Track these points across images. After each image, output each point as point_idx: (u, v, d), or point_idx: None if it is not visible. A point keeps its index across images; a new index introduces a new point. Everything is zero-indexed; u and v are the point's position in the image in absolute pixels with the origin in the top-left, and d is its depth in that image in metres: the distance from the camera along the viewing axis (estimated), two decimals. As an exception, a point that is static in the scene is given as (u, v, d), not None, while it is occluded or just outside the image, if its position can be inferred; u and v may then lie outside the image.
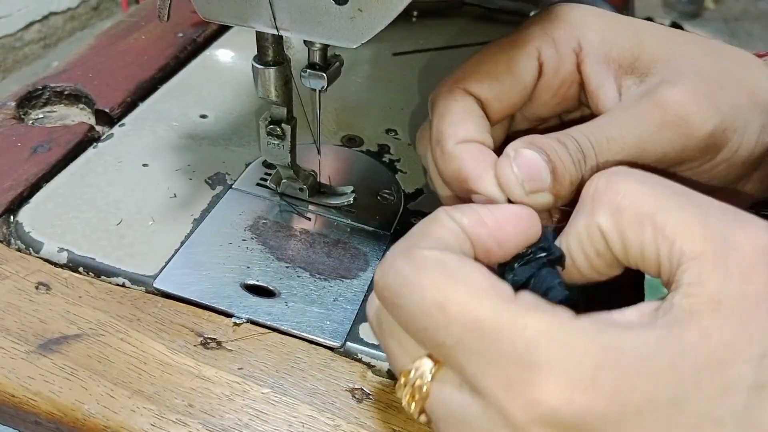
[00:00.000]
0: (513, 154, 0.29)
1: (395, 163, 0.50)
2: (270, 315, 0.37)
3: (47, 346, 0.35)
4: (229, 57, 0.60)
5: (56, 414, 0.33)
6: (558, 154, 0.29)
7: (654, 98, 0.30)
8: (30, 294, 0.38)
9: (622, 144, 0.29)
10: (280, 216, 0.44)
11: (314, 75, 0.37)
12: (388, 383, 0.35)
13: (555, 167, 0.28)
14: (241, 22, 0.33)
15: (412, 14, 0.69)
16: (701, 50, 0.31)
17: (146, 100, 0.53)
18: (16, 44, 2.14)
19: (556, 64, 0.32)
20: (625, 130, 0.29)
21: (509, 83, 0.32)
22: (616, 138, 0.29)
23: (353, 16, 0.30)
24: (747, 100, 0.30)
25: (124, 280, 0.39)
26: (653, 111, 0.29)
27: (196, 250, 0.41)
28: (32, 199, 0.43)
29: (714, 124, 0.29)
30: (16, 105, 0.50)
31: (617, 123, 0.30)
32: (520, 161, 0.28)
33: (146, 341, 0.36)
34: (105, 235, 0.41)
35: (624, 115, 0.30)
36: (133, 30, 0.61)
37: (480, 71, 0.32)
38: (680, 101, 0.29)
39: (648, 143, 0.29)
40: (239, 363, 0.35)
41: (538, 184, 0.28)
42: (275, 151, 0.42)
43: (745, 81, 0.31)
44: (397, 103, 0.56)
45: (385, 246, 0.42)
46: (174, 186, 0.45)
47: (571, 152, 0.29)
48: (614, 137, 0.29)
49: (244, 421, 0.32)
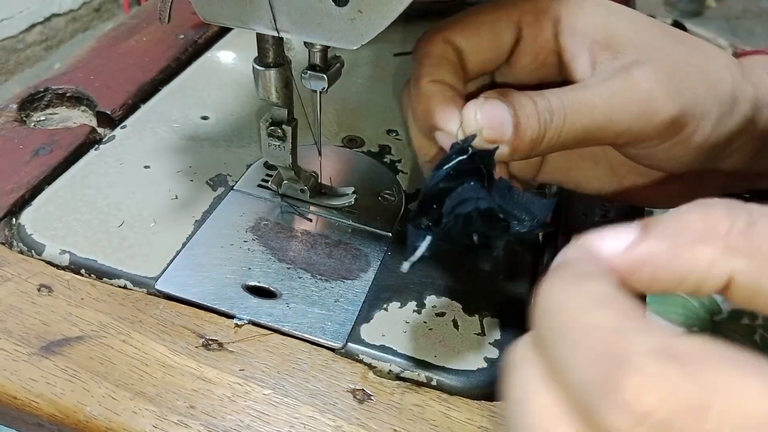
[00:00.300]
0: (481, 101, 0.30)
1: (396, 164, 0.50)
2: (271, 316, 0.37)
3: (49, 348, 0.35)
4: (230, 59, 0.60)
5: (58, 416, 0.33)
6: (525, 110, 0.30)
7: (628, 74, 0.31)
8: (32, 296, 0.38)
9: (592, 109, 0.30)
10: (281, 217, 0.44)
11: (315, 76, 0.37)
12: (389, 384, 0.35)
13: (519, 122, 0.30)
14: (241, 23, 0.33)
15: (413, 15, 0.69)
16: (669, 37, 0.33)
17: (148, 101, 0.53)
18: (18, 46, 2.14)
19: (534, 30, 0.34)
20: (597, 97, 0.31)
21: (487, 39, 0.33)
22: (587, 103, 0.30)
23: (353, 17, 0.30)
24: (707, 90, 0.32)
25: (125, 282, 0.39)
26: (625, 84, 0.31)
27: (197, 252, 0.41)
28: (34, 202, 0.43)
29: (676, 108, 0.31)
30: (17, 107, 0.50)
31: (590, 90, 0.31)
32: (485, 109, 0.30)
33: (148, 343, 0.36)
34: (106, 236, 0.41)
35: (599, 85, 0.31)
36: (135, 32, 0.61)
37: (462, 24, 0.33)
38: (650, 81, 0.31)
39: (616, 114, 0.31)
40: (241, 364, 0.35)
41: (496, 134, 0.29)
42: (276, 153, 0.42)
43: (707, 72, 0.33)
44: (397, 103, 0.56)
45: (386, 247, 0.42)
46: (175, 187, 0.45)
47: (539, 110, 0.30)
48: (586, 102, 0.30)
49: (246, 423, 0.33)
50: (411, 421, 0.33)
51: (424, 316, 0.38)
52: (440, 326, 0.38)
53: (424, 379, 0.35)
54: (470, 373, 0.35)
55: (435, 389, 0.35)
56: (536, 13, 0.34)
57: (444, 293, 0.40)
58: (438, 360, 0.36)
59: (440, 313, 0.38)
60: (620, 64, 0.32)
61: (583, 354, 0.16)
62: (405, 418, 0.33)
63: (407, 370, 0.36)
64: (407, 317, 0.38)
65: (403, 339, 0.37)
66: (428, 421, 0.33)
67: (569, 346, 0.17)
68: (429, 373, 0.35)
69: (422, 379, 0.35)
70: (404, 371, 0.36)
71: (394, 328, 0.37)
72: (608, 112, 0.30)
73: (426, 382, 0.35)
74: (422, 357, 0.36)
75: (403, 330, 0.37)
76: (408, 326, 0.38)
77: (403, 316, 0.38)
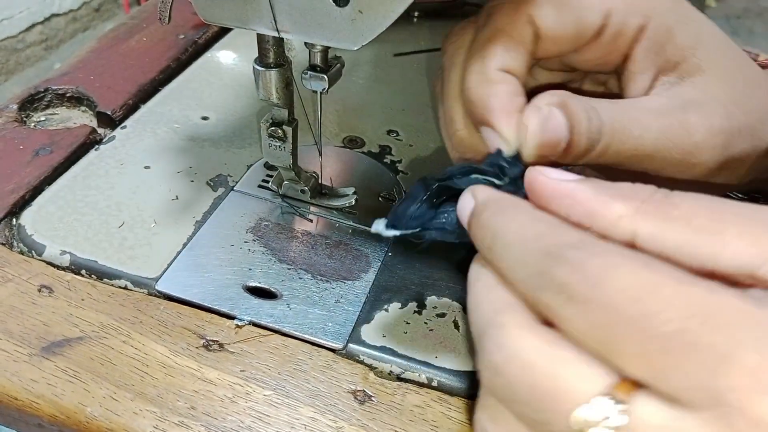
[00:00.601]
0: (546, 111, 0.28)
1: (397, 164, 0.50)
2: (272, 317, 0.37)
3: (50, 349, 0.35)
4: (231, 59, 0.60)
5: (59, 417, 0.33)
6: (581, 127, 0.28)
7: (684, 117, 0.30)
8: (32, 297, 0.38)
9: (639, 144, 0.29)
10: (281, 218, 0.44)
11: (315, 77, 0.37)
12: (389, 385, 0.35)
13: (572, 140, 0.28)
14: (242, 24, 0.33)
15: (413, 15, 0.69)
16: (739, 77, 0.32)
17: (148, 102, 0.53)
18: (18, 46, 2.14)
19: (617, 28, 0.32)
20: (647, 134, 0.29)
21: (572, 26, 0.31)
22: (637, 137, 0.29)
23: (354, 17, 0.30)
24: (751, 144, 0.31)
25: (126, 283, 0.39)
26: (679, 130, 0.30)
27: (198, 253, 0.41)
28: (34, 202, 0.43)
29: (717, 164, 0.30)
30: (18, 108, 0.50)
31: (644, 122, 0.30)
32: (548, 124, 0.28)
33: (148, 344, 0.36)
34: (107, 237, 0.41)
35: (652, 116, 0.30)
36: (135, 32, 0.61)
37: (551, 3, 0.31)
38: (703, 133, 0.30)
39: (659, 155, 0.30)
40: (241, 365, 0.35)
41: (550, 150, 0.28)
42: (277, 153, 0.42)
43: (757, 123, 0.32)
44: (398, 104, 0.56)
45: (387, 248, 0.42)
46: (176, 188, 0.45)
47: (591, 128, 0.29)
48: (635, 135, 0.29)
49: (247, 424, 0.32)
50: (412, 422, 0.33)
51: (425, 317, 0.38)
52: (441, 327, 0.38)
53: (425, 380, 0.35)
54: (471, 374, 0.35)
55: (436, 390, 0.35)
56: (625, 11, 0.31)
57: (445, 294, 0.40)
58: (439, 361, 0.36)
59: (441, 313, 0.38)
60: (680, 94, 0.31)
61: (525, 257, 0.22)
62: (406, 419, 0.33)
63: (408, 371, 0.35)
64: (408, 318, 0.38)
65: (403, 340, 0.37)
66: (429, 422, 0.33)
67: (513, 253, 0.22)
68: (430, 374, 0.35)
69: (423, 380, 0.35)
70: (405, 372, 0.36)
71: (395, 329, 0.37)
72: (653, 150, 0.30)
73: (427, 383, 0.35)
74: (423, 358, 0.36)
75: (403, 331, 0.37)
76: (409, 327, 0.38)
77: (404, 316, 0.38)
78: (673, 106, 0.30)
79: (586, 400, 0.19)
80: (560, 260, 0.21)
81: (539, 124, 0.28)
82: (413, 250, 0.38)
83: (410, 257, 0.42)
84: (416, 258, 0.42)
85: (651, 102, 0.31)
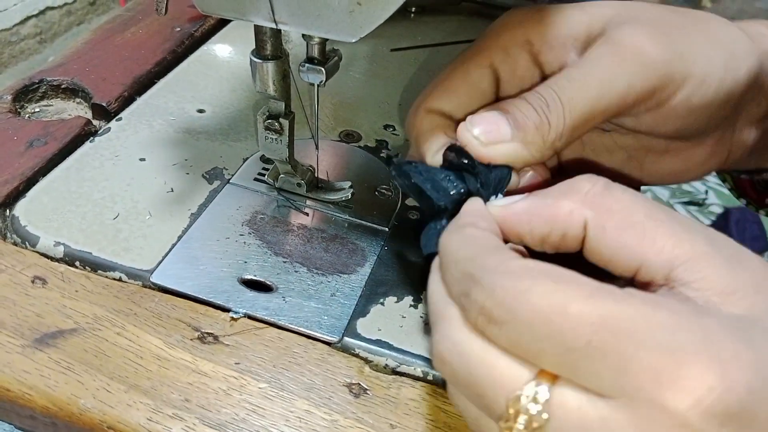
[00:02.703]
0: (470, 116, 0.31)
1: (393, 159, 0.50)
2: (267, 310, 0.37)
3: (43, 340, 0.35)
4: (227, 51, 0.60)
5: (52, 408, 0.32)
6: (516, 106, 0.30)
7: (609, 38, 0.31)
8: (26, 288, 0.37)
9: (584, 83, 0.30)
10: (277, 211, 0.44)
11: (313, 69, 0.37)
12: (385, 378, 0.35)
13: (515, 116, 0.30)
14: (239, 15, 0.33)
15: (411, 10, 0.69)
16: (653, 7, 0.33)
17: (143, 94, 0.53)
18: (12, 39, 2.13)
19: (509, 65, 0.33)
20: (585, 71, 0.30)
21: (466, 94, 0.33)
22: (578, 78, 0.30)
23: (352, 9, 0.29)
24: (704, 38, 0.32)
25: (120, 275, 0.39)
26: (610, 49, 0.31)
27: (193, 245, 0.40)
28: (28, 193, 0.43)
29: (671, 52, 0.31)
30: (12, 98, 0.50)
31: (577, 67, 0.31)
32: (475, 119, 0.31)
33: (143, 336, 0.35)
34: (101, 229, 0.41)
35: (583, 60, 0.31)
36: (131, 24, 0.61)
37: (439, 89, 0.34)
38: (634, 35, 0.31)
39: (610, 79, 0.30)
40: (236, 358, 0.35)
41: (495, 134, 0.30)
42: (273, 146, 0.41)
43: (701, 25, 0.32)
44: (394, 98, 0.56)
45: (383, 241, 0.42)
46: (171, 180, 0.45)
47: (531, 101, 0.30)
48: (575, 78, 0.30)
49: (241, 416, 0.32)
50: (407, 415, 0.33)
51: (421, 311, 0.38)
52: (436, 321, 0.38)
53: (420, 374, 0.35)
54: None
55: (431, 384, 0.35)
56: (504, 48, 0.33)
57: (440, 288, 0.40)
58: (434, 355, 0.36)
59: (436, 308, 0.38)
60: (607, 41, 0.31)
61: (454, 275, 0.25)
62: (401, 413, 0.33)
63: (403, 365, 0.35)
64: (403, 312, 0.38)
65: (399, 333, 0.37)
66: (424, 415, 0.33)
67: (448, 271, 0.26)
68: (425, 368, 0.35)
69: (418, 373, 0.35)
70: (400, 366, 0.35)
71: (391, 323, 0.37)
72: (601, 81, 0.30)
73: (422, 377, 0.35)
74: (418, 351, 0.36)
75: (399, 324, 0.37)
76: (404, 321, 0.37)
77: (400, 310, 0.38)
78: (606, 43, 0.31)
79: (517, 387, 0.22)
80: (476, 283, 0.23)
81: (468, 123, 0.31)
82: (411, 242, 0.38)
83: (406, 251, 0.42)
84: (412, 252, 0.42)
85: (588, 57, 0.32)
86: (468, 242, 0.26)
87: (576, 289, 0.22)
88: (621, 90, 0.30)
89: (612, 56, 0.30)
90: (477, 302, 0.23)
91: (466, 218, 0.28)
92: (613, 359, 0.21)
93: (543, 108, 0.30)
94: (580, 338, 0.21)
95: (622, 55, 0.30)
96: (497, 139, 0.30)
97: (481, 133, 0.30)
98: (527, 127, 0.30)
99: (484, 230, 0.26)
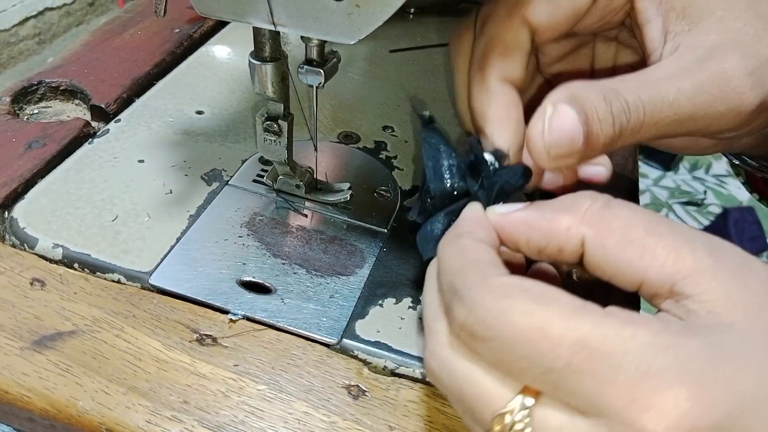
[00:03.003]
0: (550, 111, 0.28)
1: (392, 160, 0.50)
2: (266, 311, 0.37)
3: (42, 343, 0.35)
4: (226, 53, 0.60)
5: (50, 410, 0.32)
6: (598, 115, 0.28)
7: (718, 68, 0.29)
8: (24, 290, 0.37)
9: (677, 108, 0.29)
10: (276, 212, 0.44)
11: (311, 71, 0.37)
12: (383, 380, 0.35)
13: (590, 131, 0.28)
14: (238, 17, 0.33)
15: (409, 11, 0.69)
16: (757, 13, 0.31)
17: (142, 96, 0.53)
18: (10, 39, 2.13)
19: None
20: (682, 95, 0.29)
21: (564, 10, 0.31)
22: (672, 101, 0.29)
23: (351, 12, 0.29)
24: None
25: (119, 277, 0.39)
26: (715, 81, 0.29)
27: (191, 247, 0.40)
28: (27, 195, 0.43)
29: (760, 97, 0.29)
30: (11, 100, 0.50)
31: (674, 83, 0.29)
32: (554, 124, 0.28)
33: (141, 338, 0.35)
34: (100, 231, 0.41)
35: (682, 77, 0.29)
36: (129, 26, 0.61)
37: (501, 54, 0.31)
38: (740, 76, 0.29)
39: (701, 110, 0.29)
40: (235, 359, 0.35)
41: (565, 149, 0.28)
42: (272, 148, 0.42)
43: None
44: (393, 100, 0.56)
45: (382, 243, 0.42)
46: (170, 182, 0.45)
47: (614, 112, 0.28)
48: (669, 100, 0.29)
49: (240, 418, 0.32)
50: (406, 417, 0.33)
51: (419, 312, 0.38)
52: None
53: (419, 376, 0.35)
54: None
55: (430, 385, 0.35)
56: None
57: (439, 290, 0.40)
58: (433, 356, 0.36)
59: (435, 309, 0.38)
60: (699, 44, 0.30)
61: (443, 285, 0.25)
62: (400, 414, 0.33)
63: (402, 366, 0.35)
64: (402, 313, 0.38)
65: (398, 335, 0.37)
66: (423, 417, 0.33)
67: (440, 279, 0.26)
68: (424, 369, 0.35)
69: (417, 375, 0.35)
70: (399, 367, 0.35)
71: (389, 324, 0.37)
72: (693, 109, 0.29)
73: (421, 379, 0.35)
74: (417, 353, 0.36)
75: (398, 326, 0.37)
76: (403, 322, 0.38)
77: (399, 312, 0.38)
78: (699, 57, 0.29)
79: (501, 405, 0.23)
80: (459, 298, 0.24)
81: (544, 129, 0.28)
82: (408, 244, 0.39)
83: (405, 253, 0.42)
84: (411, 254, 0.42)
85: (676, 61, 0.30)
86: (459, 253, 0.26)
87: (556, 309, 0.22)
88: (703, 125, 0.29)
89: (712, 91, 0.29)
90: (459, 317, 0.24)
91: (464, 226, 0.27)
92: (592, 380, 0.21)
93: (623, 123, 0.28)
94: (559, 359, 0.21)
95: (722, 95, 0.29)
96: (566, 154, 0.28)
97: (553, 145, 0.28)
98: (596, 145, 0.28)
99: (479, 242, 0.26)
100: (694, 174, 2.09)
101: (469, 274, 0.24)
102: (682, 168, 2.10)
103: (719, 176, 2.08)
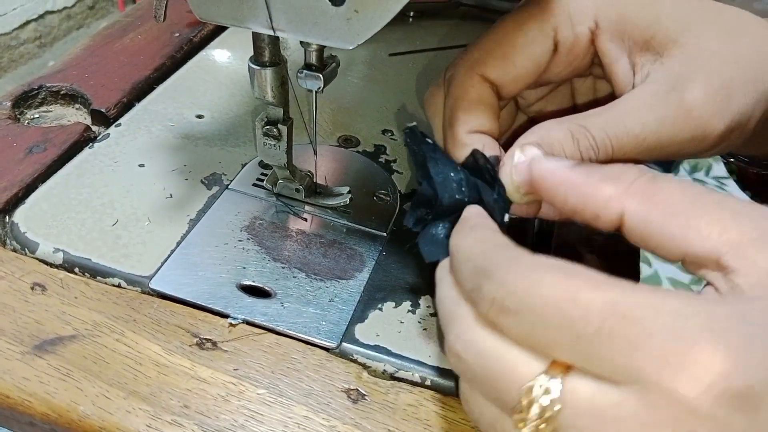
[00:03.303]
0: (517, 155, 0.30)
1: (391, 164, 0.50)
2: (266, 316, 0.37)
3: (42, 347, 0.35)
4: (226, 57, 0.60)
5: (51, 415, 0.32)
6: (565, 155, 0.29)
7: (680, 99, 0.30)
8: (25, 294, 0.37)
9: (642, 140, 0.30)
10: (276, 216, 0.44)
11: (310, 76, 0.37)
12: (383, 384, 0.35)
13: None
14: (237, 22, 0.33)
15: (408, 15, 0.69)
16: (719, 34, 0.31)
17: (142, 100, 0.53)
18: (11, 43, 2.13)
19: (571, 41, 0.32)
20: (647, 129, 0.30)
21: (522, 65, 0.32)
22: (638, 134, 0.30)
23: (349, 17, 0.30)
24: (755, 97, 0.31)
25: (119, 281, 0.39)
26: (678, 112, 0.30)
27: (191, 251, 0.40)
28: (28, 200, 0.43)
29: (726, 125, 0.30)
30: (11, 105, 0.50)
31: (639, 119, 0.30)
32: (520, 167, 0.29)
33: (142, 342, 0.36)
34: (101, 235, 0.41)
35: (646, 110, 0.30)
36: (129, 30, 0.61)
37: (496, 55, 0.32)
38: (704, 106, 0.30)
39: (666, 141, 0.30)
40: (235, 364, 0.35)
41: (535, 187, 0.29)
42: (271, 152, 0.42)
43: (758, 73, 0.31)
44: (393, 103, 0.56)
45: (381, 247, 0.42)
46: (170, 186, 0.45)
47: (581, 149, 0.29)
48: (636, 134, 0.30)
49: (240, 422, 0.32)
50: (405, 421, 0.33)
51: (419, 316, 0.38)
52: (435, 326, 0.38)
53: (418, 379, 0.35)
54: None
55: (429, 389, 0.35)
56: (572, 21, 0.32)
57: (439, 293, 0.40)
58: (432, 360, 0.36)
59: (435, 313, 0.38)
60: (663, 75, 0.30)
61: (466, 272, 0.26)
62: (399, 418, 0.33)
63: (402, 370, 0.36)
64: (402, 317, 0.38)
65: (397, 339, 0.37)
66: (422, 421, 0.34)
67: (460, 269, 0.26)
68: (423, 373, 0.35)
69: (416, 379, 0.35)
70: (399, 371, 0.36)
71: (389, 328, 0.37)
72: (658, 141, 0.30)
73: (420, 382, 0.35)
74: (417, 357, 0.36)
75: (397, 330, 0.37)
76: (402, 326, 0.38)
77: (398, 316, 0.38)
78: (663, 90, 0.30)
79: (530, 378, 0.23)
80: (489, 277, 0.24)
81: (512, 173, 0.30)
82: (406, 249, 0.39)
83: (404, 257, 0.42)
84: (410, 257, 0.42)
85: (641, 94, 0.31)
86: (480, 240, 0.26)
87: (585, 279, 0.22)
88: (670, 152, 0.30)
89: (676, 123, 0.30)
90: (489, 293, 0.24)
91: (474, 220, 0.28)
92: (623, 345, 0.21)
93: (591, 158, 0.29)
94: (589, 325, 0.21)
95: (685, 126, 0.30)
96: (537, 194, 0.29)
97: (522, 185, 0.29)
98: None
99: (495, 231, 0.27)
100: (694, 176, 2.08)
101: (496, 255, 0.25)
102: (682, 170, 2.10)
103: (719, 178, 2.07)
